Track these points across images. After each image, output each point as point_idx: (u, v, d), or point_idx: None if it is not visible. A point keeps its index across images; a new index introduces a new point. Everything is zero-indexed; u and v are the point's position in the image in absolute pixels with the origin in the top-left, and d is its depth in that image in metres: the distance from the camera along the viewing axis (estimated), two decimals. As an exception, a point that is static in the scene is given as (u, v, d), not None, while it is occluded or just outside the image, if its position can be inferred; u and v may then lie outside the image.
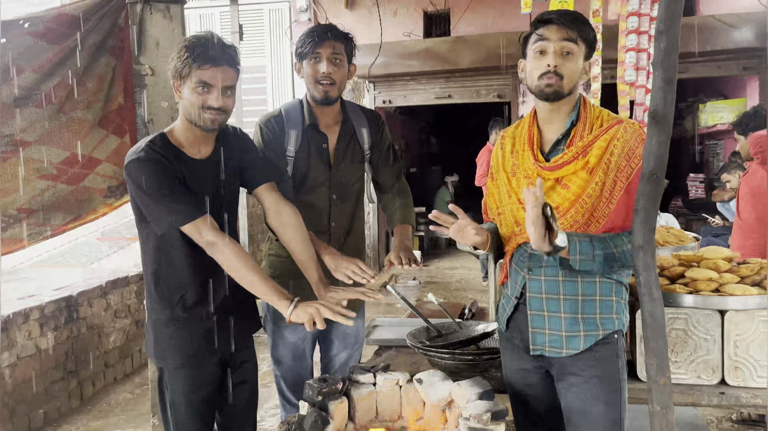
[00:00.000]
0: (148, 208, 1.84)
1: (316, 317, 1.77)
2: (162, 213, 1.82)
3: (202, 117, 1.83)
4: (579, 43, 1.67)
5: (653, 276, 1.48)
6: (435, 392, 1.84)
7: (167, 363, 1.95)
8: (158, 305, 1.95)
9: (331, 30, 2.16)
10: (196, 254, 1.89)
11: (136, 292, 4.60)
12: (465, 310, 3.16)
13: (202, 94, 1.81)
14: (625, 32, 3.43)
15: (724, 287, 2.02)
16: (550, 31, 1.67)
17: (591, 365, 1.70)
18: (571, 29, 1.66)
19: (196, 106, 1.82)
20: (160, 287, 1.94)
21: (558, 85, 1.67)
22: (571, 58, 1.67)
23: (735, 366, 1.99)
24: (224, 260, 1.83)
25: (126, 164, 1.84)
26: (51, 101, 2.57)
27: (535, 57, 1.70)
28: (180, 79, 1.84)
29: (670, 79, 1.41)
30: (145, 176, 1.80)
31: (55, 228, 2.65)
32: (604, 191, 1.66)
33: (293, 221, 2.04)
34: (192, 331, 1.94)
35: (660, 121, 1.43)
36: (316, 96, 2.18)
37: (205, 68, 1.79)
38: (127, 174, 1.84)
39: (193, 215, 1.81)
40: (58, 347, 3.81)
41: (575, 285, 1.71)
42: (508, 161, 1.82)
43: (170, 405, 1.97)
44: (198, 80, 1.80)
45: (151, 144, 1.85)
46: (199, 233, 1.81)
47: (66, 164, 2.62)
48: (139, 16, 2.82)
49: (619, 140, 1.66)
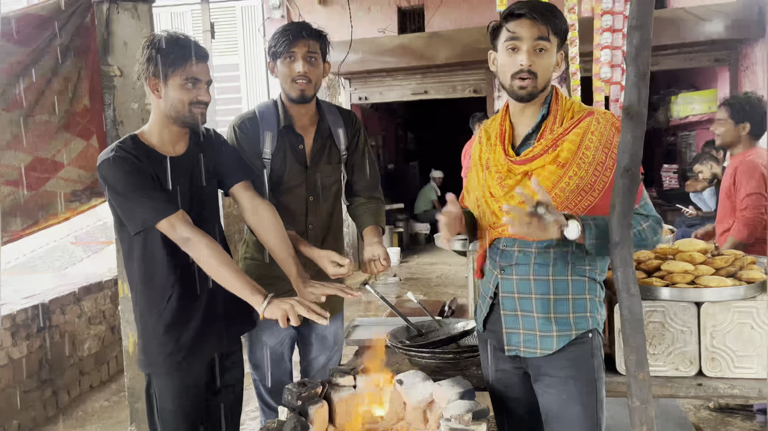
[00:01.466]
0: (121, 207, 1.83)
1: (290, 313, 1.74)
2: (135, 211, 1.80)
3: (191, 112, 1.87)
4: (552, 38, 1.64)
5: (630, 272, 1.47)
6: (416, 393, 1.83)
7: (157, 369, 1.93)
8: (146, 310, 1.92)
9: (305, 28, 2.13)
10: (180, 257, 1.87)
11: (110, 297, 4.52)
12: (445, 307, 3.15)
13: (192, 89, 1.85)
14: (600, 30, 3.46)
15: (699, 279, 2.03)
16: (523, 27, 1.62)
17: (566, 365, 1.69)
18: (544, 24, 1.62)
19: (185, 102, 1.85)
20: (147, 292, 1.91)
21: (532, 85, 1.64)
22: (545, 54, 1.64)
23: (712, 357, 2.01)
24: (198, 256, 1.81)
25: (98, 166, 1.83)
26: (20, 105, 2.50)
27: (507, 54, 1.66)
28: (163, 78, 1.83)
29: (643, 75, 1.41)
30: (116, 174, 1.80)
31: (12, 234, 2.58)
32: (582, 185, 1.63)
33: (270, 219, 2.03)
34: (181, 334, 1.91)
35: (634, 116, 1.43)
36: (292, 95, 2.15)
37: (192, 64, 1.84)
38: (100, 176, 1.84)
39: (166, 211, 1.79)
40: (31, 356, 3.72)
41: (547, 284, 1.69)
42: (484, 154, 1.81)
43: (158, 412, 1.95)
44: (188, 76, 1.84)
45: (122, 144, 1.86)
46: (173, 229, 1.80)
47: (29, 169, 2.56)
48: (105, 16, 2.76)
49: (594, 134, 1.64)
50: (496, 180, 1.73)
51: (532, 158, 1.67)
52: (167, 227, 1.80)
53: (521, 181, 1.69)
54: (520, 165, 1.69)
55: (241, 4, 8.16)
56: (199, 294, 1.93)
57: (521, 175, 1.69)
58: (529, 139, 1.73)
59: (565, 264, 1.68)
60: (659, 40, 6.37)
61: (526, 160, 1.68)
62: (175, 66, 1.82)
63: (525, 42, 1.63)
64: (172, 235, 1.81)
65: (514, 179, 1.70)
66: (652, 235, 1.66)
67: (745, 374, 1.99)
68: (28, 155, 2.53)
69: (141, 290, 1.92)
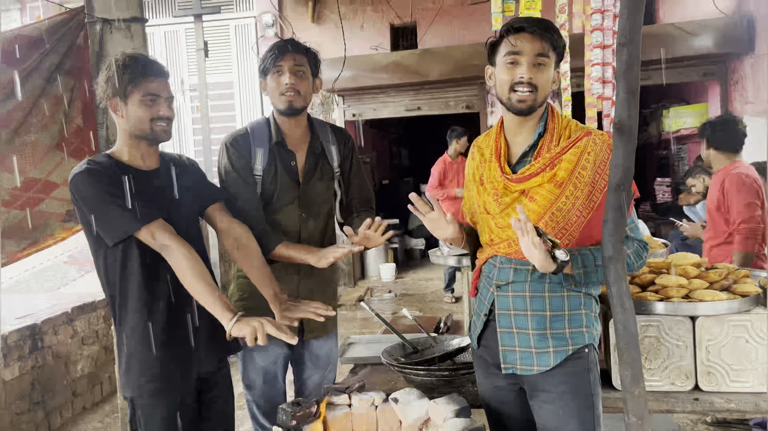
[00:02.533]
0: (99, 218, 1.80)
1: (258, 332, 1.72)
2: (114, 221, 1.79)
3: (153, 129, 1.87)
4: (551, 53, 1.66)
5: (624, 287, 1.47)
6: (411, 411, 1.81)
7: (140, 392, 1.88)
8: (127, 331, 1.88)
9: (292, 43, 2.17)
10: (158, 274, 1.85)
11: (103, 317, 4.48)
12: (440, 324, 3.14)
13: (152, 106, 1.86)
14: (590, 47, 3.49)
15: (693, 293, 2.03)
16: (523, 42, 1.64)
17: (562, 381, 1.68)
18: (544, 39, 1.64)
19: (146, 119, 1.85)
20: (126, 312, 1.88)
21: (532, 99, 1.65)
22: (544, 69, 1.65)
23: (708, 371, 2.00)
24: (175, 265, 1.79)
25: (70, 180, 1.83)
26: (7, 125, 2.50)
27: (507, 68, 1.67)
28: (123, 98, 1.84)
29: (633, 91, 1.42)
30: (90, 186, 1.79)
31: (9, 255, 2.56)
32: (576, 205, 1.64)
33: (244, 240, 2.02)
34: (163, 355, 1.88)
35: (625, 132, 1.44)
36: (281, 107, 2.16)
37: (150, 81, 1.85)
38: (73, 190, 1.82)
39: (145, 219, 1.78)
40: (23, 377, 3.68)
41: (542, 301, 1.69)
42: (479, 171, 1.81)
43: None
44: (145, 93, 1.84)
45: (94, 158, 1.88)
46: (153, 236, 1.78)
47: (21, 190, 2.55)
48: (99, 36, 2.77)
49: (590, 154, 1.65)
50: (492, 197, 1.72)
51: (529, 177, 1.67)
52: (147, 235, 1.78)
53: (518, 198, 1.69)
54: (516, 183, 1.69)
55: (235, 22, 8.21)
56: (179, 314, 1.91)
57: (518, 193, 1.69)
58: (526, 156, 1.73)
59: (561, 280, 1.67)
60: (649, 55, 6.43)
61: (523, 178, 1.68)
62: (133, 84, 1.83)
63: (525, 56, 1.64)
64: (151, 243, 1.79)
65: (511, 196, 1.70)
66: (636, 259, 1.68)
67: (741, 388, 1.98)
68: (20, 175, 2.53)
69: (121, 311, 1.89)
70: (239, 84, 8.27)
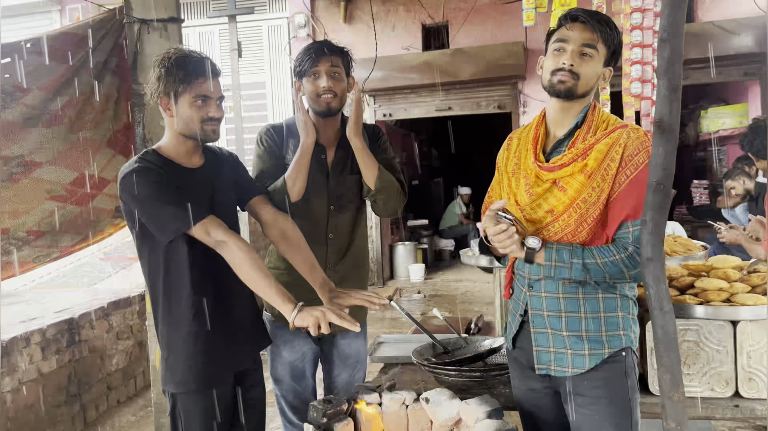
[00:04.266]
0: (151, 218, 1.81)
1: (321, 321, 1.71)
2: (167, 220, 1.79)
3: (203, 129, 1.86)
4: (600, 46, 1.63)
5: (663, 289, 1.43)
6: (442, 411, 1.80)
7: (183, 387, 1.91)
8: (172, 328, 1.91)
9: (327, 45, 2.19)
10: (202, 271, 1.87)
11: (138, 312, 4.56)
12: (471, 325, 3.12)
13: (203, 107, 1.85)
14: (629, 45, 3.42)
15: (735, 296, 1.98)
16: (573, 30, 1.63)
17: (598, 385, 1.64)
18: (594, 31, 1.62)
19: (197, 119, 1.85)
20: (170, 309, 1.90)
21: (572, 83, 1.63)
22: (590, 60, 1.63)
23: (749, 378, 1.95)
24: (233, 260, 1.79)
25: (121, 179, 1.83)
26: (60, 121, 2.56)
27: (553, 54, 1.66)
28: (173, 97, 1.84)
29: (675, 88, 1.38)
30: (143, 185, 1.79)
31: (63, 250, 2.63)
32: (601, 198, 1.61)
33: (290, 230, 2.04)
34: (206, 351, 1.90)
35: (666, 130, 1.40)
36: (318, 109, 2.19)
37: (202, 81, 1.84)
38: (123, 189, 1.83)
39: (198, 216, 1.79)
40: (61, 370, 3.77)
41: (576, 302, 1.66)
42: (511, 162, 1.79)
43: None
44: (197, 94, 1.83)
45: (143, 156, 1.88)
46: (208, 233, 1.79)
47: (76, 185, 2.60)
48: (136, 36, 2.82)
49: (620, 146, 1.61)
50: (524, 187, 1.70)
51: (561, 166, 1.65)
52: (201, 232, 1.79)
53: (549, 189, 1.67)
54: (548, 172, 1.66)
55: (268, 23, 8.29)
56: (221, 311, 1.93)
57: (549, 183, 1.67)
58: (561, 145, 1.70)
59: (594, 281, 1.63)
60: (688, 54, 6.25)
61: (555, 167, 1.66)
62: (185, 84, 1.82)
63: (571, 44, 1.63)
64: (206, 239, 1.80)
65: (542, 186, 1.67)
66: (628, 267, 1.59)
67: (784, 395, 1.92)
68: (74, 171, 2.58)
69: (165, 308, 1.91)
70: (271, 84, 8.35)
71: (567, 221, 1.63)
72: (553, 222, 1.65)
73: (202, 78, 1.83)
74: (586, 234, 1.63)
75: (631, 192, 1.57)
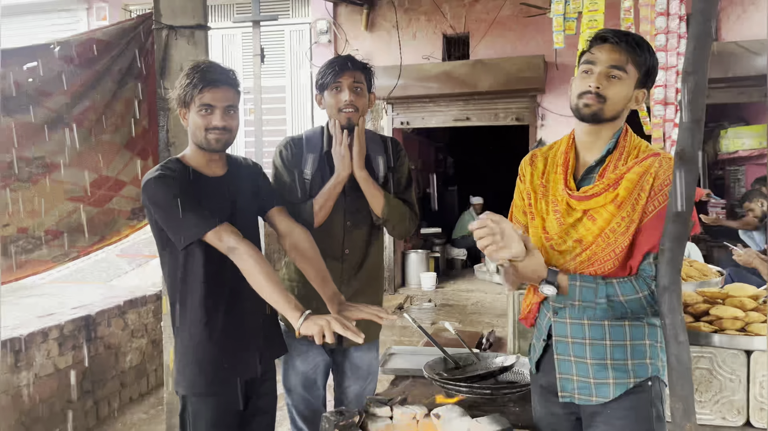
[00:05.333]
0: (168, 223, 1.87)
1: (326, 329, 1.73)
2: (183, 225, 1.85)
3: (207, 138, 1.91)
4: (629, 67, 1.58)
5: (679, 319, 1.44)
6: (453, 428, 1.81)
7: (193, 390, 1.95)
8: (185, 331, 1.95)
9: (351, 60, 2.20)
10: (220, 279, 1.91)
11: (153, 311, 4.62)
12: (483, 339, 3.12)
13: (206, 116, 1.89)
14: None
15: (750, 326, 1.97)
16: (601, 51, 1.59)
17: (622, 416, 1.61)
18: (624, 53, 1.57)
19: (201, 128, 1.90)
20: (186, 313, 1.94)
21: (598, 107, 1.58)
22: (618, 83, 1.58)
23: (761, 408, 1.94)
24: (243, 266, 1.84)
25: (144, 185, 1.89)
26: (81, 125, 2.62)
27: (581, 76, 1.61)
28: (185, 107, 1.91)
29: (698, 120, 1.39)
30: (162, 191, 1.86)
31: (80, 250, 2.69)
32: (631, 228, 1.58)
33: (305, 242, 2.07)
34: (219, 355, 1.94)
35: (687, 161, 1.41)
36: (340, 123, 2.20)
37: (206, 91, 1.88)
38: (145, 194, 1.89)
39: (213, 223, 1.84)
40: (76, 366, 3.83)
41: (601, 329, 1.63)
42: (537, 180, 1.74)
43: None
44: (200, 103, 1.88)
45: (166, 164, 1.94)
46: (220, 239, 1.83)
47: (94, 186, 2.67)
48: (164, 42, 2.88)
49: (651, 176, 1.57)
50: (553, 215, 1.67)
51: (592, 196, 1.61)
52: (214, 238, 1.83)
53: (580, 219, 1.63)
54: (579, 201, 1.63)
55: (290, 28, 8.35)
56: (235, 316, 1.97)
57: (580, 212, 1.63)
58: (591, 172, 1.66)
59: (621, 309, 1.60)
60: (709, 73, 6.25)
61: (585, 197, 1.62)
62: (192, 93, 1.88)
63: (599, 65, 1.59)
64: (219, 245, 1.84)
65: (574, 216, 1.63)
66: (650, 304, 1.57)
67: (796, 427, 1.91)
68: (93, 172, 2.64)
69: (181, 311, 1.96)
70: (291, 88, 8.41)
71: (594, 251, 1.60)
72: (582, 253, 1.62)
73: (208, 87, 1.87)
74: (612, 264, 1.59)
75: (657, 224, 1.51)
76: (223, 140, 1.92)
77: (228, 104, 1.91)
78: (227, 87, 1.91)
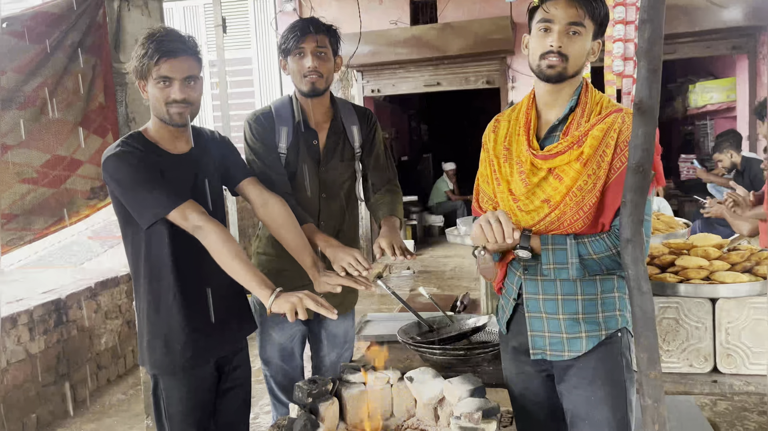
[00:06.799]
0: (131, 202, 1.81)
1: (298, 307, 1.71)
2: (146, 204, 1.78)
3: (169, 112, 1.82)
4: (587, 22, 1.56)
5: (642, 270, 1.45)
6: (426, 390, 1.82)
7: (163, 370, 1.92)
8: (151, 310, 1.91)
9: (313, 23, 2.13)
10: (185, 254, 1.86)
11: (126, 292, 4.56)
12: (457, 302, 3.14)
13: (164, 88, 1.80)
14: (612, 22, 3.38)
15: (714, 274, 2.00)
16: (557, 8, 1.55)
17: (593, 366, 1.63)
18: (580, 7, 1.54)
19: (161, 101, 1.81)
20: (152, 292, 1.90)
21: (562, 66, 1.56)
22: (578, 38, 1.56)
23: (727, 354, 1.98)
24: (209, 245, 1.78)
25: (103, 162, 1.82)
26: (33, 103, 2.52)
27: (538, 35, 1.58)
28: (143, 79, 1.82)
29: (655, 69, 1.38)
30: (124, 169, 1.78)
31: (36, 232, 2.61)
32: (597, 185, 1.57)
33: (281, 211, 2.02)
34: (187, 334, 1.90)
35: (645, 111, 1.40)
36: (304, 89, 2.15)
37: (162, 62, 1.77)
38: (105, 172, 1.82)
39: (177, 201, 1.77)
40: (49, 350, 3.78)
41: (573, 285, 1.63)
42: (500, 146, 1.74)
43: (166, 414, 1.94)
44: (158, 75, 1.79)
45: (127, 139, 1.85)
46: (185, 218, 1.77)
47: (47, 167, 2.57)
48: (116, 13, 2.78)
49: (616, 131, 1.57)
50: (518, 176, 1.66)
51: (556, 154, 1.60)
52: (179, 217, 1.77)
53: (545, 178, 1.62)
54: (543, 160, 1.62)
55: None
56: (203, 294, 1.93)
57: (545, 171, 1.62)
58: (554, 130, 1.65)
59: None
60: (676, 27, 6.26)
61: (550, 155, 1.61)
62: (149, 65, 1.77)
63: (557, 23, 1.56)
64: (183, 224, 1.78)
65: (538, 175, 1.63)
66: (618, 263, 1.57)
67: (760, 370, 1.96)
68: (46, 153, 2.55)
69: (146, 289, 1.91)
70: (258, 60, 8.24)
71: (563, 210, 1.59)
72: (550, 212, 1.61)
73: (165, 58, 1.77)
74: (582, 223, 1.59)
75: None
76: (186, 114, 1.84)
77: (187, 75, 1.81)
78: (185, 56, 1.81)
